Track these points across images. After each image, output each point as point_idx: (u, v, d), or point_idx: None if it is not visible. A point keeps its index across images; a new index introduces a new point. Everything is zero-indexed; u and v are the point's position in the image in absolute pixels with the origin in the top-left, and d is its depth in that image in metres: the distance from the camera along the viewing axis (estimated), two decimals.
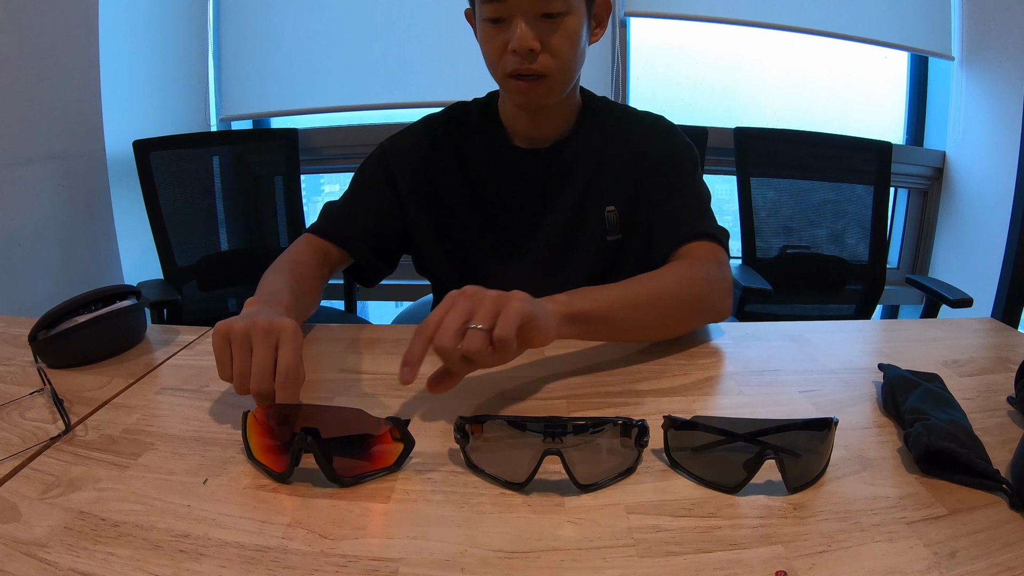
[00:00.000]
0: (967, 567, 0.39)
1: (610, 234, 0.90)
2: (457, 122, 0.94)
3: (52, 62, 1.48)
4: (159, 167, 1.57)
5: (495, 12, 0.76)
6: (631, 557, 0.41)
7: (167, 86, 1.93)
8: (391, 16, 1.95)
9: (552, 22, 0.76)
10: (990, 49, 1.88)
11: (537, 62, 0.77)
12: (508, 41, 0.76)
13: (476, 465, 0.50)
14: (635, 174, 0.89)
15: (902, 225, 2.16)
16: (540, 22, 0.76)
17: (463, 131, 0.93)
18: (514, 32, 0.75)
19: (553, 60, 0.77)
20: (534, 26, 0.75)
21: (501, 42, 0.77)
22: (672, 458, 0.51)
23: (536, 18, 0.75)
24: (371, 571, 0.39)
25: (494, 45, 0.79)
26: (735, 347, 0.77)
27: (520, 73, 0.78)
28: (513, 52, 0.76)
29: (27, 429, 0.57)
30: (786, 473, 0.47)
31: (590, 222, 0.90)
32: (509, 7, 0.75)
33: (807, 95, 2.11)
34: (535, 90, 0.80)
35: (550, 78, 0.79)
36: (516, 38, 0.75)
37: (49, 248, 1.52)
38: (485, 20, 0.78)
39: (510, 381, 0.67)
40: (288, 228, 1.83)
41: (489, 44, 0.79)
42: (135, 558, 0.40)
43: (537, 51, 0.76)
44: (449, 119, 0.94)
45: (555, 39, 0.76)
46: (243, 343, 0.54)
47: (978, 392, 0.64)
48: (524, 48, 0.75)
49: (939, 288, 1.39)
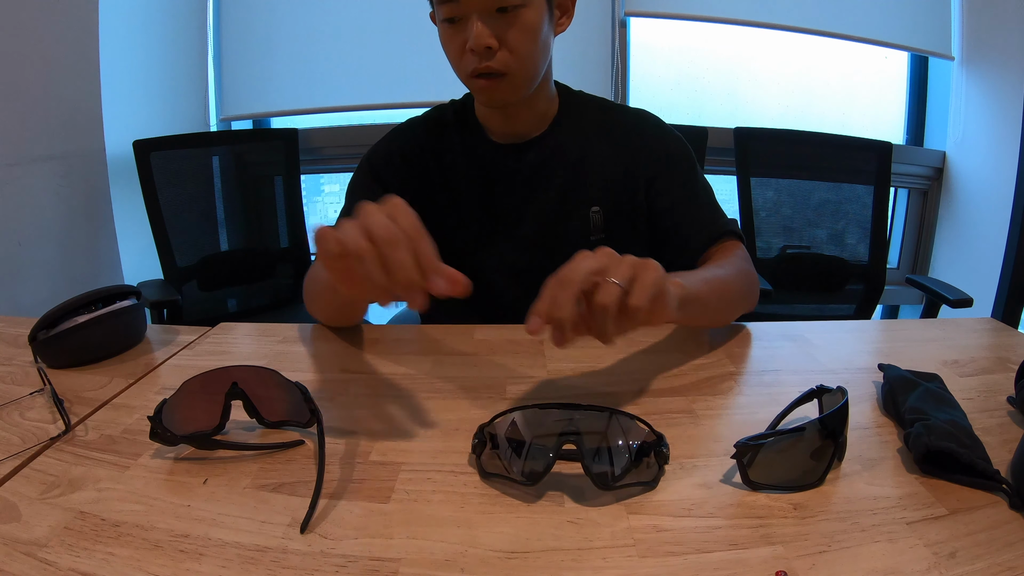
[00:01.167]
0: (967, 567, 0.39)
1: (593, 234, 0.89)
2: (435, 122, 0.93)
3: (52, 62, 1.48)
4: (159, 167, 1.57)
5: (450, 12, 0.75)
6: (631, 557, 0.41)
7: (167, 86, 1.93)
8: (391, 16, 1.95)
9: (508, 16, 0.75)
10: (990, 49, 1.88)
11: (496, 60, 0.76)
12: (466, 40, 0.75)
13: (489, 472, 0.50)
14: (625, 174, 0.88)
15: (902, 225, 2.16)
16: (496, 18, 0.74)
17: (442, 131, 0.92)
18: (470, 31, 0.74)
19: (512, 56, 0.76)
20: (490, 23, 0.74)
21: (459, 42, 0.77)
22: (752, 482, 0.48)
23: (491, 14, 0.74)
24: (371, 571, 0.39)
25: (453, 46, 0.78)
26: (735, 347, 0.77)
27: (480, 72, 0.77)
28: (471, 51, 0.75)
29: (27, 429, 0.57)
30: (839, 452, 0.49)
31: (573, 221, 0.89)
32: (463, 6, 0.74)
33: (807, 95, 2.11)
34: (497, 88, 0.79)
35: (511, 75, 0.78)
36: (472, 37, 0.74)
37: (49, 248, 1.52)
38: (442, 21, 0.77)
39: (510, 382, 0.67)
40: (288, 228, 1.83)
41: (449, 45, 0.79)
42: (135, 558, 0.40)
43: (495, 48, 0.75)
44: (427, 120, 0.94)
45: (512, 34, 0.75)
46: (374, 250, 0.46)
47: (978, 392, 0.64)
48: (480, 47, 0.74)
49: (939, 288, 1.39)
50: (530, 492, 0.47)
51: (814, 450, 0.48)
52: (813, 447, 0.48)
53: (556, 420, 0.49)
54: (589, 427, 0.48)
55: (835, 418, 0.49)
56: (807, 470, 0.48)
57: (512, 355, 0.74)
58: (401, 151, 0.91)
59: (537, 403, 0.51)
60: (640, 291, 0.48)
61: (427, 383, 0.67)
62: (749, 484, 0.48)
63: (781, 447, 0.48)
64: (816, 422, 0.49)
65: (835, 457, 0.50)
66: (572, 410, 0.49)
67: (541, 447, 0.47)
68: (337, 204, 2.57)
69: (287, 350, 0.77)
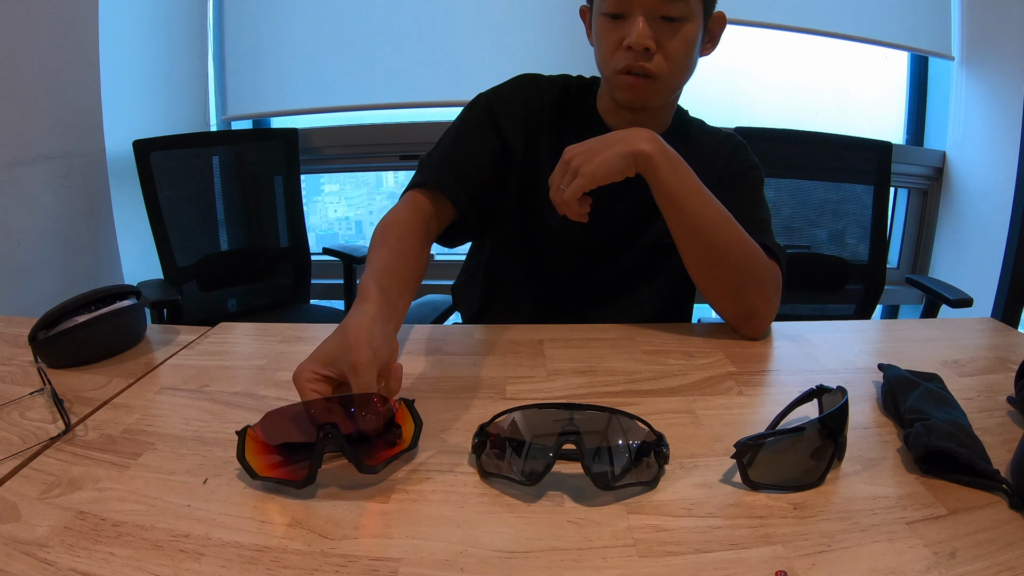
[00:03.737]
0: (967, 567, 0.39)
1: (666, 237, 0.87)
2: (561, 93, 0.92)
3: (52, 62, 1.48)
4: (159, 167, 1.57)
5: (616, 7, 0.77)
6: (631, 557, 0.41)
7: (167, 86, 1.93)
8: (391, 16, 1.95)
9: (671, 26, 0.77)
10: (990, 49, 1.88)
11: (652, 61, 0.78)
12: (624, 37, 0.77)
13: (489, 471, 0.50)
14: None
15: (902, 225, 2.16)
16: (658, 23, 0.77)
17: (564, 105, 0.92)
18: (632, 29, 0.76)
19: (666, 62, 0.78)
20: (652, 26, 0.76)
21: (617, 38, 0.78)
22: (752, 482, 0.48)
23: (655, 19, 0.76)
24: (371, 571, 0.39)
25: (609, 40, 0.79)
26: (735, 347, 0.77)
27: (632, 70, 0.78)
28: (628, 48, 0.77)
29: (27, 429, 0.57)
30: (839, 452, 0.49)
31: (655, 223, 0.90)
32: (631, 3, 0.76)
33: (807, 95, 2.11)
34: (644, 88, 0.80)
35: (660, 80, 0.79)
36: (634, 34, 0.76)
37: (49, 248, 1.52)
38: (604, 14, 0.79)
39: (510, 382, 0.67)
40: (288, 228, 1.84)
41: (605, 39, 0.80)
42: (135, 558, 0.40)
43: (652, 51, 0.77)
44: (554, 85, 0.93)
45: (672, 43, 0.77)
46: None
47: (978, 392, 0.64)
48: (640, 45, 0.76)
49: (939, 288, 1.39)
50: (530, 492, 0.47)
51: (814, 450, 0.48)
52: (813, 447, 0.49)
53: (556, 420, 0.49)
54: (589, 427, 0.48)
55: (835, 418, 0.49)
56: (807, 470, 0.48)
57: (512, 355, 0.74)
58: (526, 102, 0.90)
59: (537, 403, 0.51)
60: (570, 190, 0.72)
61: (427, 383, 0.67)
62: (749, 484, 0.48)
63: (781, 447, 0.48)
64: (816, 422, 0.49)
65: (835, 457, 0.50)
66: (572, 410, 0.49)
67: (541, 447, 0.47)
68: (337, 204, 2.57)
69: (287, 350, 0.77)
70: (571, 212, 0.74)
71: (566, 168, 0.73)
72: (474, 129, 0.90)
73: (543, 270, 0.95)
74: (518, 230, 0.94)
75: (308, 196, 1.99)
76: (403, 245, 0.73)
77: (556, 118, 0.91)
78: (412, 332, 0.84)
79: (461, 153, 0.88)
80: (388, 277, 0.65)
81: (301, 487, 0.47)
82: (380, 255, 0.70)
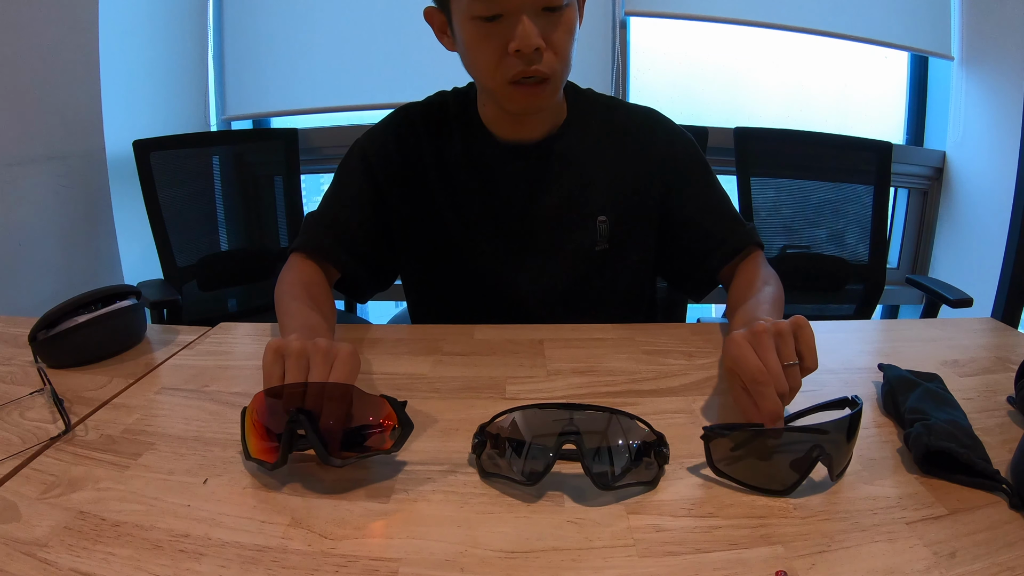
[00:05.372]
0: (967, 567, 0.39)
1: (599, 244, 0.85)
2: (436, 115, 0.86)
3: (52, 62, 1.48)
4: (159, 167, 1.57)
5: (490, 9, 0.67)
6: (631, 557, 0.41)
7: (167, 86, 1.93)
8: (391, 16, 1.95)
9: (552, 16, 0.69)
10: (990, 49, 1.88)
11: (543, 62, 0.69)
12: (506, 42, 0.68)
13: (489, 471, 0.50)
14: (635, 183, 0.85)
15: (902, 225, 2.16)
16: (541, 17, 0.68)
17: (442, 126, 0.86)
18: (515, 30, 0.67)
19: (556, 58, 0.70)
20: (536, 22, 0.68)
21: (497, 44, 0.69)
22: (717, 468, 0.48)
23: (537, 13, 0.68)
24: (371, 571, 0.39)
25: (489, 47, 0.70)
26: None
27: (526, 77, 0.70)
28: (516, 53, 0.68)
29: (27, 429, 0.57)
30: (832, 469, 0.47)
31: (578, 231, 0.85)
32: (507, 2, 0.67)
33: (807, 95, 2.11)
34: (539, 95, 0.72)
35: (553, 79, 0.72)
36: (520, 37, 0.67)
37: (49, 248, 1.52)
38: (475, 18, 0.69)
39: (510, 382, 0.67)
40: (288, 228, 1.83)
41: (481, 46, 0.70)
42: (135, 558, 0.40)
43: (543, 49, 0.69)
44: (427, 111, 0.87)
45: (556, 34, 0.69)
46: (299, 359, 0.51)
47: (978, 392, 0.64)
48: (531, 47, 0.67)
49: (939, 288, 1.39)
50: (530, 492, 0.47)
51: (794, 460, 0.47)
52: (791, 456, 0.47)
53: (556, 420, 0.49)
54: (589, 427, 0.48)
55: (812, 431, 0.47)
56: (773, 475, 0.47)
57: (512, 355, 0.74)
58: (399, 147, 0.85)
59: (537, 403, 0.51)
60: (810, 356, 0.54)
61: (427, 383, 0.67)
62: (715, 470, 0.48)
63: (753, 444, 0.48)
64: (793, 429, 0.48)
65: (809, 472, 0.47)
66: (572, 410, 0.49)
67: (541, 447, 0.47)
68: None
69: None
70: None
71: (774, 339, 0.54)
72: (352, 182, 0.86)
73: (468, 281, 0.88)
74: (431, 252, 0.89)
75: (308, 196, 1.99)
76: (316, 303, 0.71)
77: (437, 132, 0.86)
78: (412, 332, 0.84)
79: (341, 211, 0.84)
80: (317, 331, 0.62)
81: (272, 469, 0.48)
82: (298, 310, 0.67)
